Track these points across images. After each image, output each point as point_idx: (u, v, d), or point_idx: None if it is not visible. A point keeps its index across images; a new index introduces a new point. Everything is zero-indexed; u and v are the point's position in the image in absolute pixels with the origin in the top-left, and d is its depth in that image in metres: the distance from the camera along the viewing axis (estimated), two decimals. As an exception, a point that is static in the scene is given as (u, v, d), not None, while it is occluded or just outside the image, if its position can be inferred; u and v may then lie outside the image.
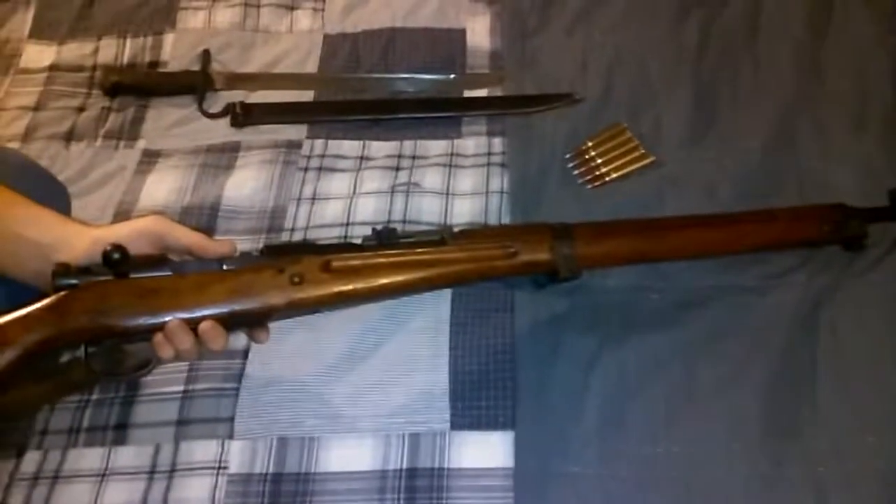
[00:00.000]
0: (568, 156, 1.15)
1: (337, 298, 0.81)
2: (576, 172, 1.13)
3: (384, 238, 0.85)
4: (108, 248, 0.76)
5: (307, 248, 0.84)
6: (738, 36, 1.30)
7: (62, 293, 0.76)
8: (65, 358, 0.80)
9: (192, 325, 0.77)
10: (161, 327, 0.77)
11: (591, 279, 0.97)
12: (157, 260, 0.79)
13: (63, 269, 0.77)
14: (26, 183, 0.89)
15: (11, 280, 0.84)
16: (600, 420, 0.88)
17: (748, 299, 0.98)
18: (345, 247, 0.85)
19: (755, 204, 1.03)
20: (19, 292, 0.84)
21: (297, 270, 0.80)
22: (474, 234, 0.89)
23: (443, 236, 0.86)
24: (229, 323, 0.79)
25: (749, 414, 0.90)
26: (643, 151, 1.14)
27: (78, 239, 0.81)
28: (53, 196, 0.97)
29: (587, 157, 1.14)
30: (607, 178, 1.12)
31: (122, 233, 0.82)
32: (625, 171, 1.13)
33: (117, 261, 0.75)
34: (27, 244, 0.81)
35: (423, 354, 0.96)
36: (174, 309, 0.77)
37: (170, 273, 0.78)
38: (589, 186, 1.12)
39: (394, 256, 0.83)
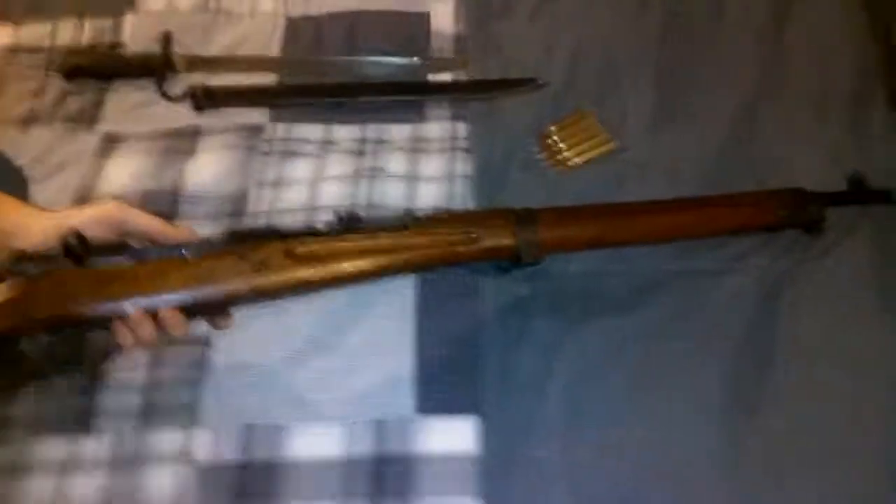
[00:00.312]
0: (532, 141, 1.15)
1: (300, 285, 0.81)
2: (539, 157, 1.14)
3: (347, 223, 0.84)
4: (67, 235, 0.75)
5: (270, 233, 0.83)
6: (701, 22, 1.31)
7: (20, 281, 0.75)
8: (24, 346, 0.79)
9: (152, 312, 0.77)
10: (121, 315, 0.76)
11: (554, 264, 0.98)
12: (116, 247, 0.79)
13: (20, 256, 0.76)
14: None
15: None
16: (564, 404, 0.90)
17: (708, 282, 1.00)
18: (308, 232, 0.84)
19: (718, 190, 1.03)
20: None
21: (260, 257, 0.79)
22: (437, 219, 0.89)
23: (405, 222, 0.86)
24: (191, 310, 0.79)
25: (710, 395, 0.92)
26: (607, 136, 1.15)
27: (35, 224, 0.80)
28: (9, 181, 0.96)
29: (551, 142, 1.15)
30: (570, 164, 1.13)
31: (80, 218, 0.81)
32: (588, 156, 1.13)
33: (76, 248, 0.74)
34: None
35: (388, 340, 0.96)
36: (134, 296, 0.76)
37: (129, 260, 0.78)
38: (553, 171, 1.13)
39: (357, 242, 0.83)
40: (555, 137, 1.15)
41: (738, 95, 1.21)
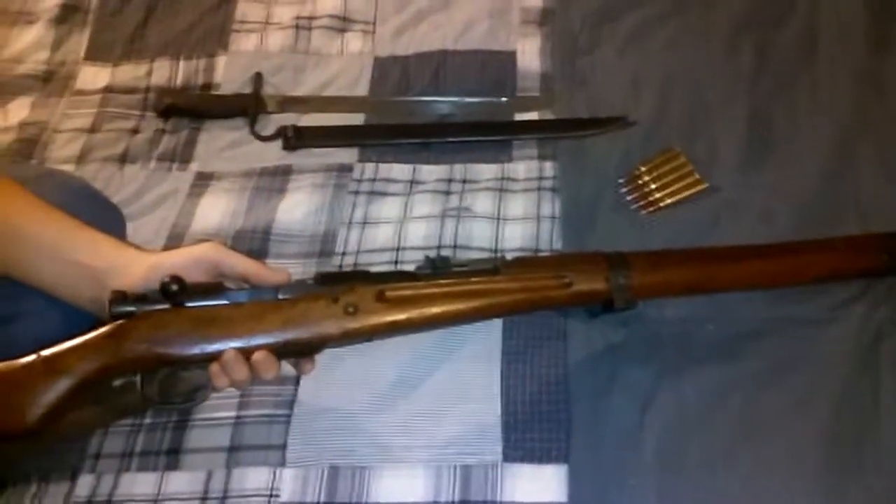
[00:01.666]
0: (621, 181, 1.14)
1: (390, 328, 0.81)
2: (629, 198, 1.12)
3: (437, 266, 0.84)
4: (166, 279, 0.76)
5: (360, 276, 0.84)
6: (794, 56, 1.28)
7: (119, 322, 0.77)
8: (118, 382, 0.81)
9: (247, 354, 0.77)
10: (216, 357, 0.77)
11: (647, 308, 0.95)
12: (212, 288, 0.80)
13: (120, 297, 0.78)
14: (83, 207, 0.90)
15: (66, 304, 0.85)
16: (657, 455, 0.86)
17: (807, 331, 0.96)
18: (398, 275, 0.85)
19: (814, 231, 1.01)
20: (74, 316, 0.85)
21: (352, 300, 0.80)
22: (528, 262, 0.88)
23: (496, 265, 0.85)
24: (282, 352, 0.80)
25: (809, 450, 0.87)
26: (698, 177, 1.12)
27: (134, 265, 0.82)
28: (109, 220, 0.98)
29: (640, 182, 1.13)
30: (661, 205, 1.10)
31: (177, 260, 0.83)
32: (679, 196, 1.11)
33: (175, 292, 0.76)
34: (84, 270, 0.82)
35: (474, 383, 0.95)
36: (229, 339, 0.78)
37: (225, 302, 0.79)
38: (643, 212, 1.10)
39: (447, 286, 0.83)
40: (645, 177, 1.13)
41: (833, 133, 1.17)
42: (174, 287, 0.76)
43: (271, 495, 0.88)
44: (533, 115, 1.26)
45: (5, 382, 0.75)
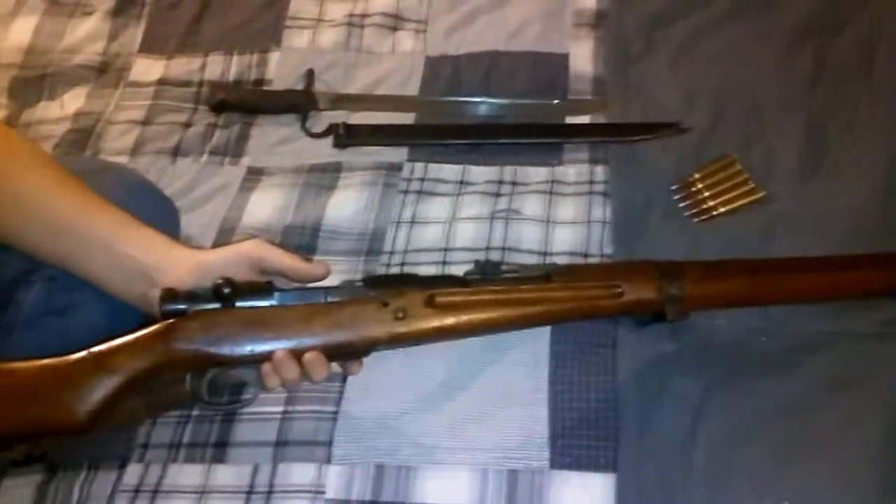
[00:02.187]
0: (674, 187, 1.12)
1: (438, 334, 0.81)
2: (682, 205, 1.10)
3: (488, 272, 0.84)
4: (219, 281, 0.77)
5: (409, 279, 0.84)
6: (853, 65, 1.25)
7: (169, 321, 0.78)
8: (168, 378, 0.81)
9: (297, 355, 0.78)
10: (266, 357, 0.78)
11: (698, 318, 0.94)
12: (262, 287, 0.80)
13: (170, 295, 0.78)
14: (140, 203, 0.91)
15: (112, 298, 0.86)
16: (707, 467, 0.85)
17: (863, 347, 0.94)
18: (448, 280, 0.85)
19: (871, 244, 0.99)
20: (120, 311, 0.86)
21: (401, 305, 0.80)
22: (579, 270, 0.88)
23: (548, 272, 0.85)
24: (331, 354, 0.80)
25: (861, 470, 0.85)
26: (753, 186, 1.11)
27: (183, 263, 0.83)
28: (164, 215, 0.99)
29: (694, 189, 1.11)
30: (715, 213, 1.09)
31: (223, 257, 0.84)
32: (733, 205, 1.09)
33: (227, 294, 0.76)
34: (134, 266, 0.82)
35: (521, 388, 0.94)
36: (280, 340, 0.78)
37: (275, 303, 0.79)
38: (695, 220, 1.09)
39: (497, 293, 0.83)
40: (698, 185, 1.11)
41: (891, 144, 1.15)
42: (226, 290, 0.77)
43: (316, 491, 0.88)
44: (585, 119, 1.24)
45: (56, 378, 0.76)
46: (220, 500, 0.89)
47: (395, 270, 1.07)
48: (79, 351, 0.77)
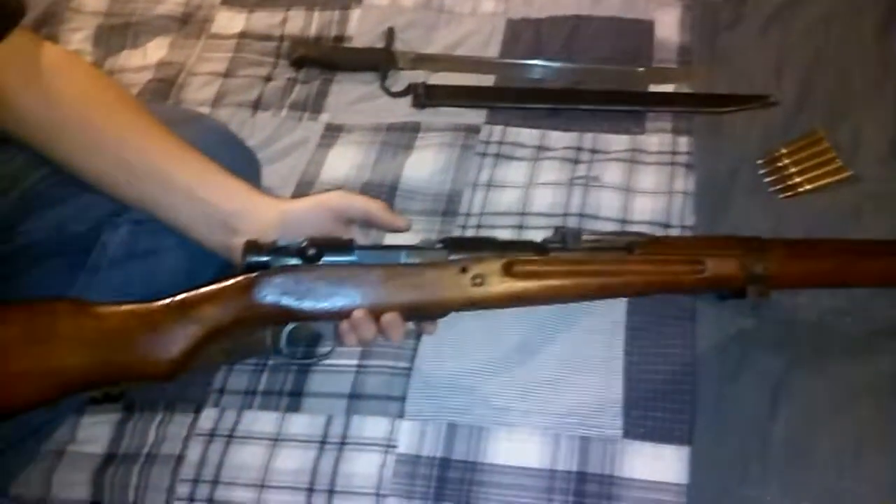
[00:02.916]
0: (759, 161, 1.10)
1: (515, 301, 0.81)
2: (767, 180, 1.08)
3: (568, 241, 0.83)
4: (305, 243, 0.78)
5: (488, 243, 0.83)
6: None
7: (253, 275, 0.78)
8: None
9: (376, 314, 0.79)
10: (346, 315, 0.79)
11: (781, 294, 0.91)
12: (343, 245, 0.81)
13: (253, 247, 0.79)
14: (224, 153, 0.92)
15: (193, 244, 0.87)
16: (785, 446, 0.84)
17: (951, 333, 0.92)
18: (527, 246, 0.83)
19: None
20: (200, 256, 0.88)
21: (479, 271, 0.80)
22: (661, 243, 0.86)
23: (629, 244, 0.83)
24: (408, 315, 0.81)
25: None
26: (840, 164, 1.07)
27: (264, 211, 0.83)
28: (246, 166, 1.00)
29: (780, 164, 1.09)
30: (800, 190, 1.06)
31: (306, 206, 0.85)
32: (819, 183, 1.06)
33: (312, 256, 0.77)
34: (215, 212, 0.84)
35: (596, 356, 0.93)
36: (360, 299, 0.79)
37: (356, 259, 0.79)
38: (780, 196, 1.06)
39: (577, 263, 0.82)
40: (785, 160, 1.09)
41: None
42: (311, 251, 0.77)
43: (389, 445, 0.89)
44: (669, 88, 1.22)
45: (141, 325, 0.78)
46: (294, 448, 0.90)
47: (471, 233, 1.07)
48: (162, 298, 0.79)
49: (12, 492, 0.90)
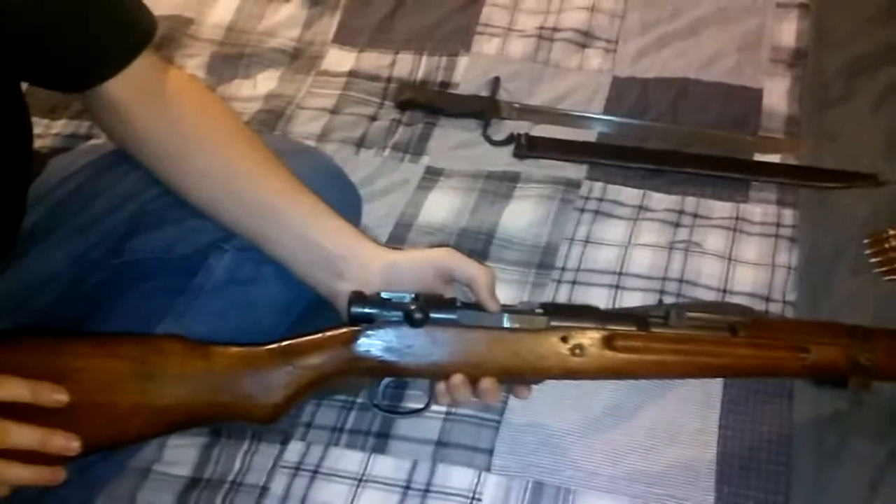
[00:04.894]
0: (866, 241, 1.07)
1: (613, 374, 0.80)
2: (872, 261, 1.05)
3: (672, 318, 0.80)
4: (410, 300, 0.77)
5: (589, 312, 0.81)
6: None
7: (357, 328, 0.78)
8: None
9: (473, 378, 0.78)
10: (444, 375, 0.78)
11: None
12: (447, 303, 0.80)
13: (360, 298, 0.78)
14: (331, 188, 0.92)
15: (292, 277, 0.87)
16: (884, 540, 0.81)
17: None
18: (629, 318, 0.81)
19: None
20: (299, 289, 0.88)
21: (579, 341, 0.78)
22: (765, 326, 0.83)
23: (733, 325, 0.80)
24: (503, 380, 0.80)
25: None
26: (953, 251, 1.05)
27: (371, 259, 0.83)
28: (350, 203, 1.01)
29: (887, 246, 1.06)
30: (907, 273, 1.04)
31: (413, 260, 0.83)
32: (929, 269, 1.04)
33: (419, 320, 0.76)
34: (323, 253, 0.83)
35: (689, 427, 0.92)
36: (459, 362, 0.78)
37: (456, 318, 0.78)
38: (886, 279, 1.04)
39: (680, 342, 0.79)
40: (892, 242, 1.06)
41: None
42: (418, 315, 0.76)
43: (473, 498, 0.88)
44: (775, 158, 1.21)
45: (248, 367, 0.78)
46: (378, 490, 0.90)
47: (565, 287, 1.07)
48: (266, 343, 0.78)
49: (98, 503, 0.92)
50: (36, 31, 0.76)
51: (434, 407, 0.93)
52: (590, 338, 0.78)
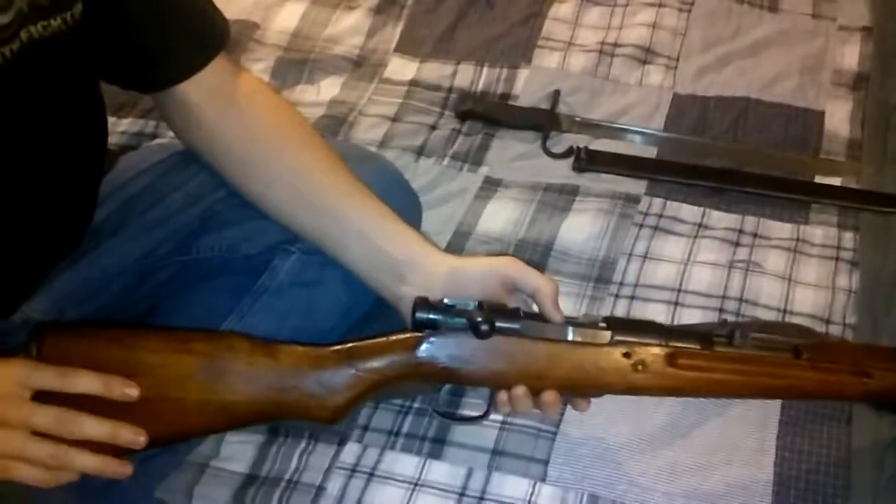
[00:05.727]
0: (928, 268, 1.07)
1: (675, 392, 0.80)
2: (935, 288, 1.05)
3: (736, 338, 0.79)
4: (479, 319, 0.76)
5: (652, 328, 0.80)
6: None
7: (421, 335, 0.78)
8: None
9: (535, 391, 0.78)
10: (506, 385, 0.78)
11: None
12: (511, 313, 0.79)
13: (424, 304, 0.78)
14: (394, 194, 0.92)
15: (355, 280, 0.88)
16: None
17: None
18: (692, 336, 0.80)
19: None
20: (361, 292, 0.88)
21: (643, 358, 0.77)
22: (828, 350, 0.82)
23: (797, 348, 0.80)
24: (563, 391, 0.79)
25: None
26: None
27: (434, 265, 0.83)
28: (411, 210, 1.01)
29: (951, 274, 1.05)
30: (973, 303, 1.03)
31: (477, 268, 0.83)
32: None
33: (484, 333, 0.76)
34: (385, 257, 0.84)
35: (745, 446, 0.92)
36: (522, 374, 0.77)
37: (519, 328, 0.78)
38: (949, 307, 1.03)
39: (743, 362, 0.79)
40: (956, 269, 1.05)
41: None
42: (484, 327, 0.76)
43: (528, 507, 0.89)
44: (836, 181, 1.20)
45: (313, 368, 0.78)
46: (432, 496, 0.91)
47: (623, 302, 1.07)
48: (332, 344, 0.79)
49: (157, 495, 0.94)
50: (121, 30, 0.79)
51: (492, 415, 0.96)
52: (653, 354, 0.78)
